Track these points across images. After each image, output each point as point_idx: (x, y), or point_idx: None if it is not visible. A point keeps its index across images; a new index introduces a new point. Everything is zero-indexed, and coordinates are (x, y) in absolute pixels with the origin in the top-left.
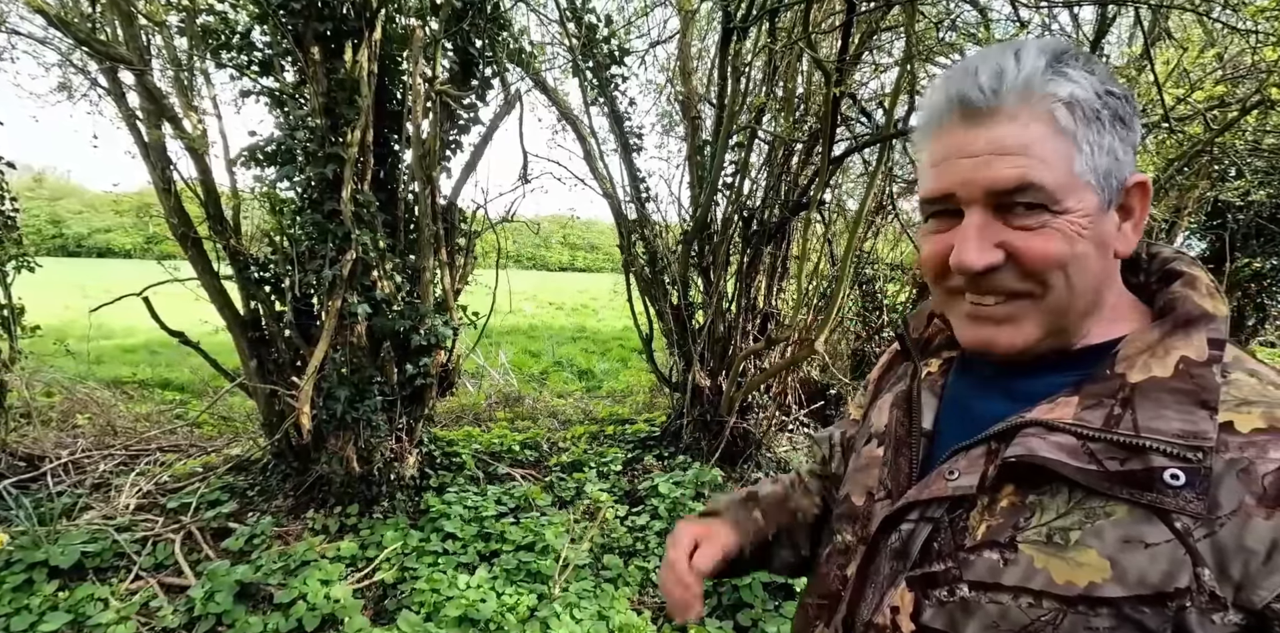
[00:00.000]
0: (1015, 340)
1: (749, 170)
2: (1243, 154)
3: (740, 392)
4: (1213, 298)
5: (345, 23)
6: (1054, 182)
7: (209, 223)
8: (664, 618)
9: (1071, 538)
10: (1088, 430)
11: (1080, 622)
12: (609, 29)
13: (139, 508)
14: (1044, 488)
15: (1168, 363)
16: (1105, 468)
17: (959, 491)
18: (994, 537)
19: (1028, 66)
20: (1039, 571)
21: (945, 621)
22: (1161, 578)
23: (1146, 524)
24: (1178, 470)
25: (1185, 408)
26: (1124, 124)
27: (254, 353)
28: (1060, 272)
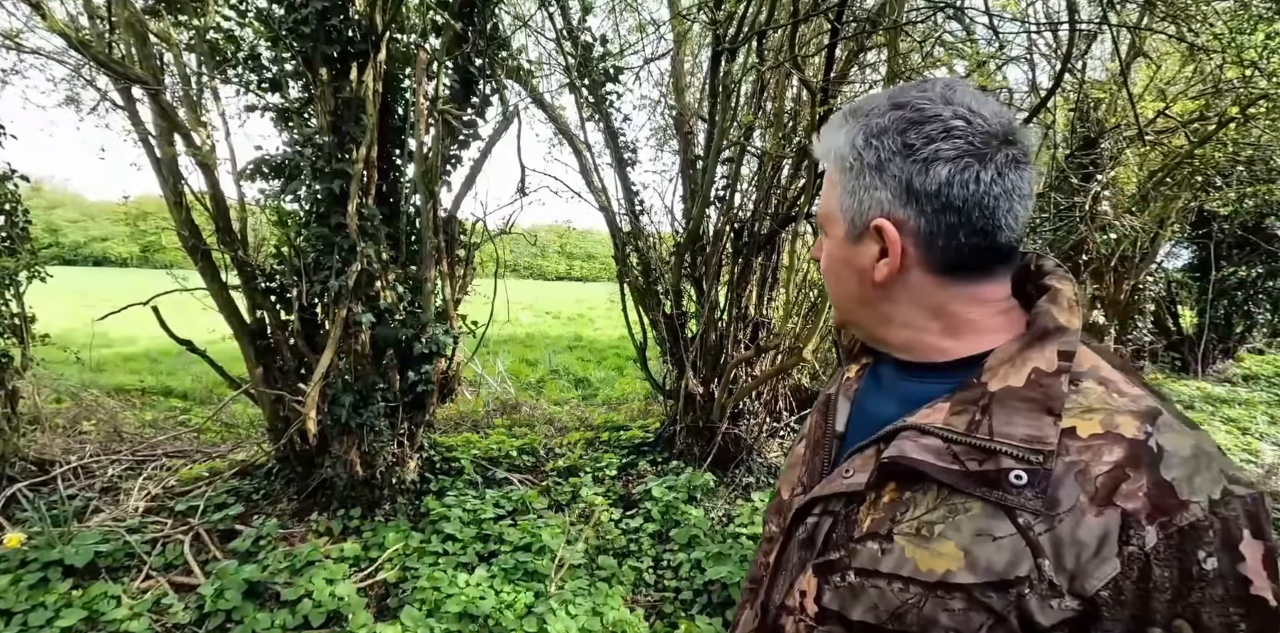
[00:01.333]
0: (834, 317)
1: (740, 184)
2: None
3: (732, 399)
4: (1069, 311)
5: (352, 45)
6: (821, 214)
7: (218, 235)
8: (656, 615)
9: (935, 531)
10: (953, 434)
11: (939, 605)
12: (604, 48)
13: (148, 511)
14: (918, 486)
15: (1022, 373)
16: (966, 468)
17: (852, 487)
18: (876, 529)
19: (831, 122)
20: (908, 559)
21: (839, 603)
22: (1005, 567)
23: (995, 519)
24: (1021, 471)
25: (1033, 415)
26: (878, 171)
27: (260, 361)
28: (827, 278)
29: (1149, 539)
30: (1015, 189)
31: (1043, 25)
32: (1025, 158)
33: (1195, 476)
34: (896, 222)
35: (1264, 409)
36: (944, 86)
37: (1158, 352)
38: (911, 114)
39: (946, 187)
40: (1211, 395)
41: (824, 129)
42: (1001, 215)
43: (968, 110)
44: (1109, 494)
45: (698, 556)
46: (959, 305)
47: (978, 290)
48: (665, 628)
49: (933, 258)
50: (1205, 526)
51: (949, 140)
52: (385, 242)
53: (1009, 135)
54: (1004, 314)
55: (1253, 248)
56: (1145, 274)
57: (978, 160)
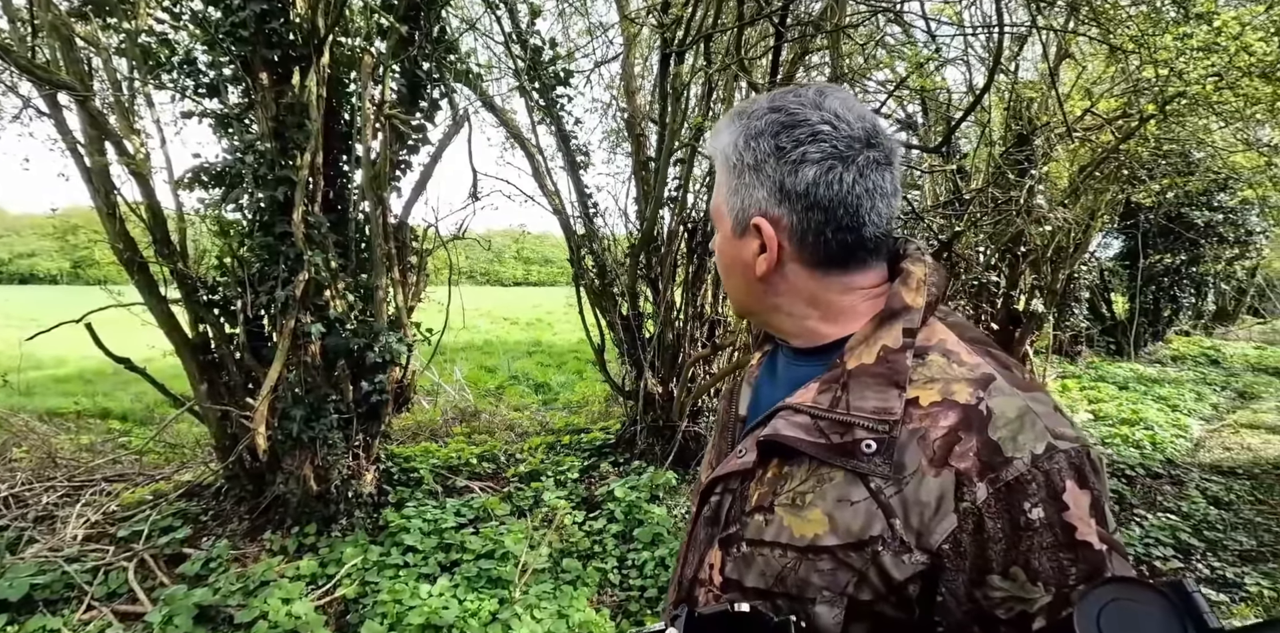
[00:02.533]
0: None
1: (692, 184)
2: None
3: (691, 397)
4: (915, 291)
5: (293, 48)
6: (713, 209)
7: (156, 247)
8: (623, 614)
9: (806, 500)
10: (818, 411)
11: (810, 566)
12: (554, 51)
13: (87, 538)
14: (794, 460)
15: (873, 351)
16: (830, 441)
17: (743, 466)
18: (761, 502)
19: (719, 123)
20: (785, 527)
21: (738, 572)
22: (861, 528)
23: (853, 486)
24: (871, 440)
25: (881, 388)
26: (755, 171)
27: (204, 377)
28: (721, 271)
29: (980, 495)
30: (877, 188)
31: (976, 28)
32: (887, 160)
33: (1020, 434)
34: (772, 219)
35: (1190, 387)
36: (816, 92)
37: (1094, 336)
38: (784, 118)
39: (813, 187)
40: (1144, 376)
41: (713, 129)
42: (865, 213)
43: (834, 116)
44: (945, 456)
45: (662, 553)
46: (833, 294)
47: (849, 280)
48: (631, 626)
49: (805, 252)
50: (1029, 479)
51: (815, 144)
52: (334, 250)
53: (871, 139)
54: (875, 298)
55: (1176, 236)
56: (1079, 264)
57: (841, 163)
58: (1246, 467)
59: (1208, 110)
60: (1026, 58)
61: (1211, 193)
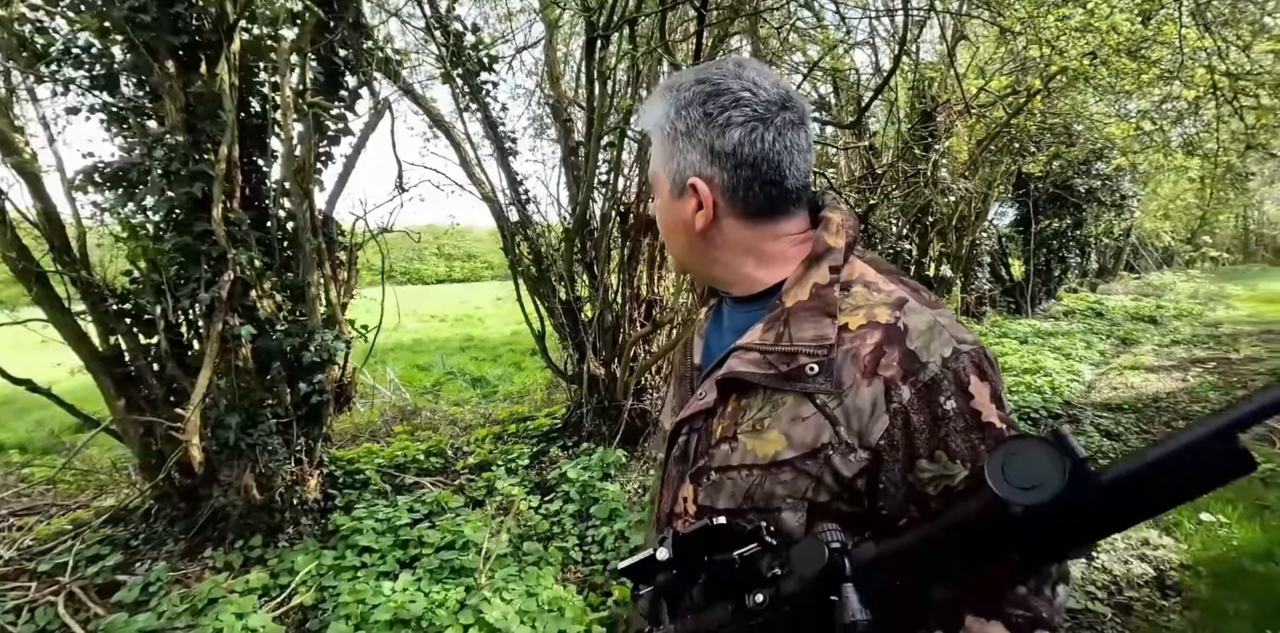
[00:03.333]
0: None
1: (622, 167)
2: (1033, 133)
3: (634, 376)
4: (835, 234)
5: (200, 35)
6: (651, 176)
7: (54, 254)
8: (588, 588)
9: (765, 424)
10: (766, 347)
11: (774, 479)
12: (476, 36)
13: (3, 577)
14: (750, 393)
15: (806, 289)
16: (778, 370)
17: (705, 406)
18: (725, 434)
19: (651, 96)
20: (749, 451)
21: (709, 498)
22: (813, 439)
23: (802, 405)
24: (814, 364)
25: (817, 319)
26: (688, 137)
27: (121, 392)
28: (662, 232)
29: (905, 396)
30: (795, 145)
31: (880, 12)
32: (801, 120)
33: (931, 342)
34: (706, 178)
35: (1080, 337)
36: (735, 64)
37: (995, 298)
38: (709, 88)
39: (740, 146)
40: (1040, 330)
41: (646, 102)
42: (786, 167)
43: (752, 83)
44: (874, 368)
45: (620, 526)
46: (765, 242)
47: (778, 227)
48: (599, 598)
49: (737, 206)
50: (941, 378)
51: (738, 109)
52: (257, 248)
53: (785, 102)
54: (801, 244)
55: (1061, 203)
56: (980, 231)
57: (762, 124)
58: (1131, 403)
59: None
60: (926, 40)
61: (1090, 162)
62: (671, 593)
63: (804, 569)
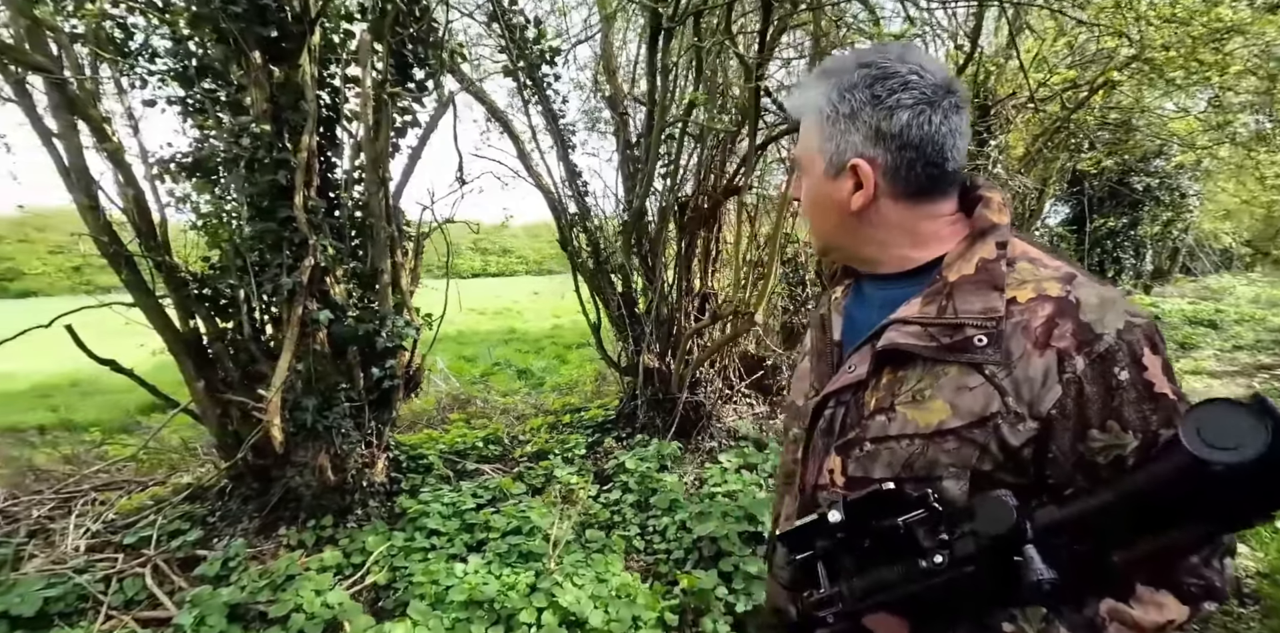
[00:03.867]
0: (814, 247)
1: (681, 161)
2: (1093, 128)
3: (689, 369)
4: (999, 212)
5: (286, 27)
6: (802, 157)
7: (140, 240)
8: (653, 576)
9: (926, 395)
10: (927, 320)
11: (938, 448)
12: (538, 29)
13: (90, 549)
14: (906, 365)
15: (971, 264)
16: (940, 343)
17: (856, 378)
18: (881, 405)
19: (805, 81)
20: (909, 421)
21: (861, 469)
22: (981, 408)
23: (968, 376)
24: (982, 335)
25: (984, 292)
26: (851, 119)
27: (200, 374)
28: (805, 209)
29: (1079, 366)
30: (957, 128)
31: (947, 3)
32: (963, 104)
33: (1105, 315)
34: (869, 159)
35: None
36: (900, 48)
37: None
38: (876, 71)
39: (907, 128)
40: None
41: (797, 88)
42: (949, 149)
43: (919, 67)
44: (1046, 339)
45: (681, 517)
46: (921, 222)
47: (934, 209)
48: (664, 586)
49: (897, 187)
50: (1116, 349)
51: (907, 91)
52: (330, 235)
53: (950, 87)
54: (954, 225)
55: (1117, 201)
56: (1034, 229)
57: (930, 106)
58: None
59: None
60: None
61: (1149, 159)
62: (830, 558)
63: (989, 528)
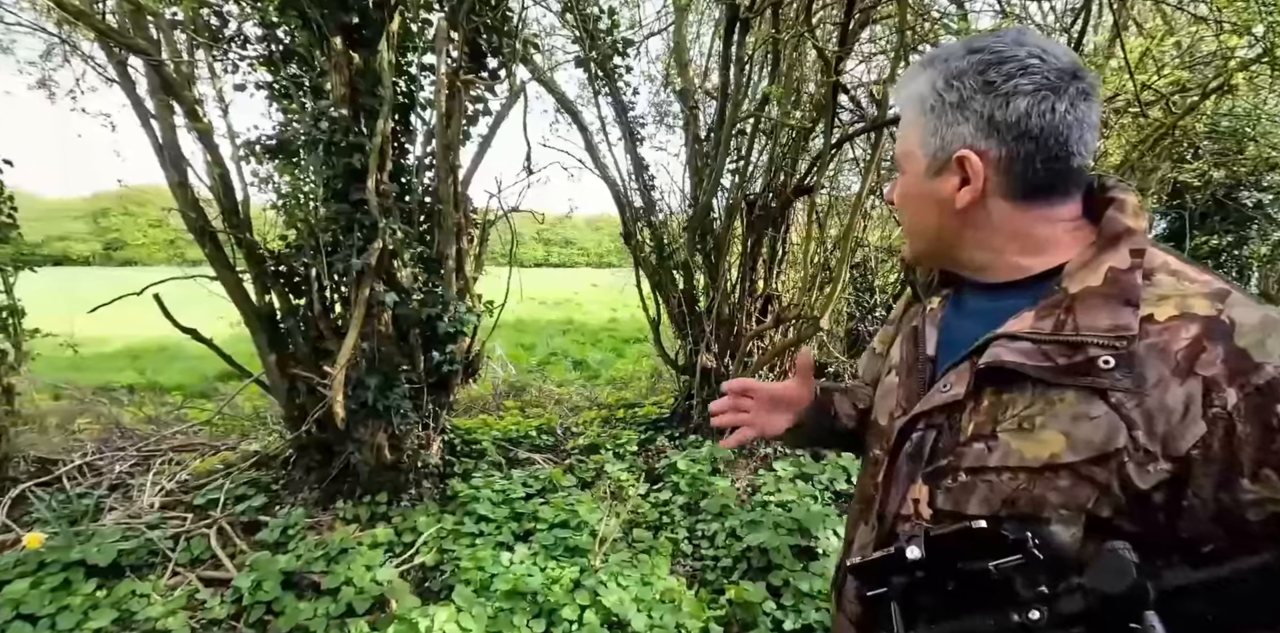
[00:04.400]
0: (906, 254)
1: (751, 157)
2: (1200, 136)
3: (747, 372)
4: (1136, 216)
5: (366, 14)
6: (901, 153)
7: (225, 217)
8: (699, 583)
9: (1036, 423)
10: (1041, 336)
11: (1048, 485)
12: (611, 20)
13: (163, 506)
14: (1013, 387)
15: (1099, 273)
16: (1057, 364)
17: (951, 398)
18: (980, 431)
19: (908, 72)
20: (1014, 451)
21: (952, 502)
22: (1103, 442)
23: (1089, 403)
24: (1109, 357)
25: (1113, 307)
26: (959, 108)
27: (273, 348)
28: (901, 210)
29: (1230, 400)
30: (1085, 118)
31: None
32: (1093, 91)
33: (1266, 340)
34: (979, 152)
35: None
36: (1016, 32)
37: None
38: (989, 56)
39: (1025, 117)
40: None
41: (901, 78)
42: (1074, 142)
43: (1041, 50)
44: (1189, 365)
45: (731, 524)
46: (1036, 226)
47: (1052, 211)
48: (710, 594)
49: (1011, 183)
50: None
51: (1026, 76)
52: (400, 219)
53: (1077, 71)
54: (1076, 231)
55: (1222, 217)
56: None
57: (1053, 93)
58: None
59: None
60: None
61: (1262, 172)
62: (908, 598)
63: (1103, 585)
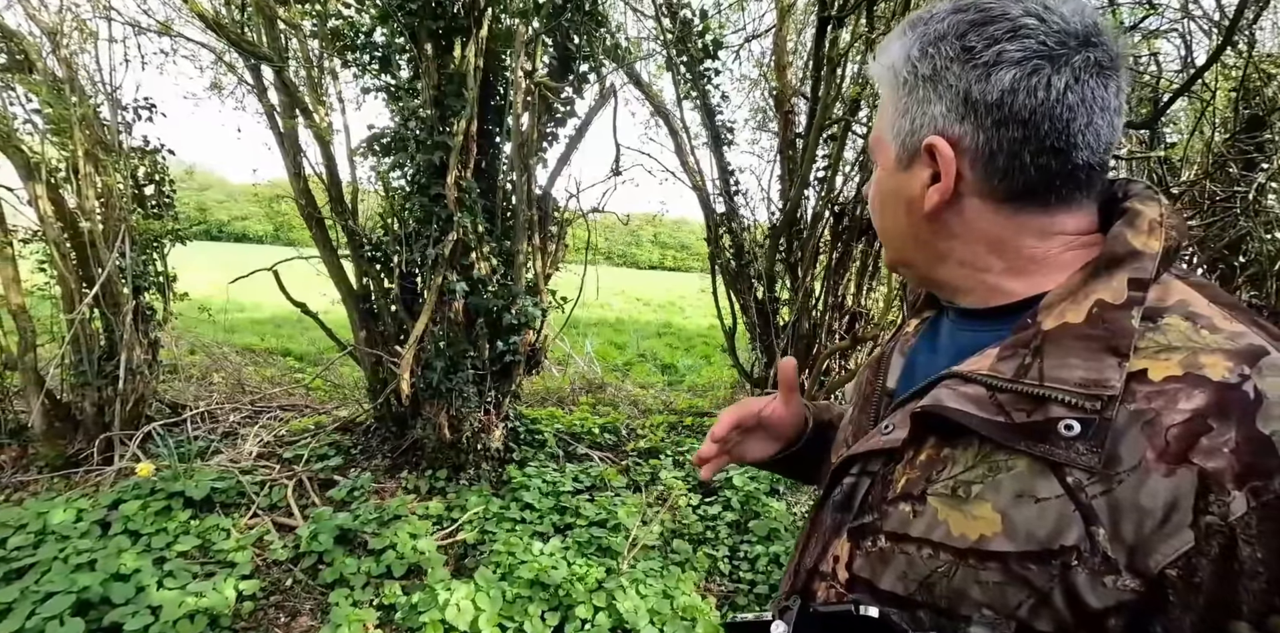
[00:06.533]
0: (884, 260)
1: (841, 164)
2: None
3: (823, 391)
4: (1148, 234)
5: (455, 21)
6: (873, 140)
7: (331, 205)
8: (729, 606)
9: (973, 491)
10: (998, 381)
11: (970, 575)
12: (704, 23)
13: (260, 456)
14: (958, 441)
15: (1082, 308)
16: (1012, 420)
17: (889, 444)
18: (910, 489)
19: (888, 37)
20: (940, 523)
21: (869, 570)
22: (1048, 534)
23: (1040, 478)
24: (1073, 421)
25: (1092, 355)
26: (932, 82)
27: (364, 324)
28: (874, 212)
29: (1235, 508)
30: (1096, 99)
31: None
32: (1111, 64)
33: None
34: (951, 139)
35: None
36: None
37: None
38: (975, 15)
39: (1010, 94)
40: None
41: (881, 45)
42: (1077, 130)
43: (1042, 7)
44: (1184, 450)
45: (776, 550)
46: (1024, 238)
47: (1049, 221)
48: (733, 615)
49: (992, 181)
50: None
51: (1015, 40)
52: (481, 215)
53: (1091, 36)
54: (1080, 249)
55: None
56: None
57: (1049, 63)
58: None
59: None
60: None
61: None
62: None
63: None
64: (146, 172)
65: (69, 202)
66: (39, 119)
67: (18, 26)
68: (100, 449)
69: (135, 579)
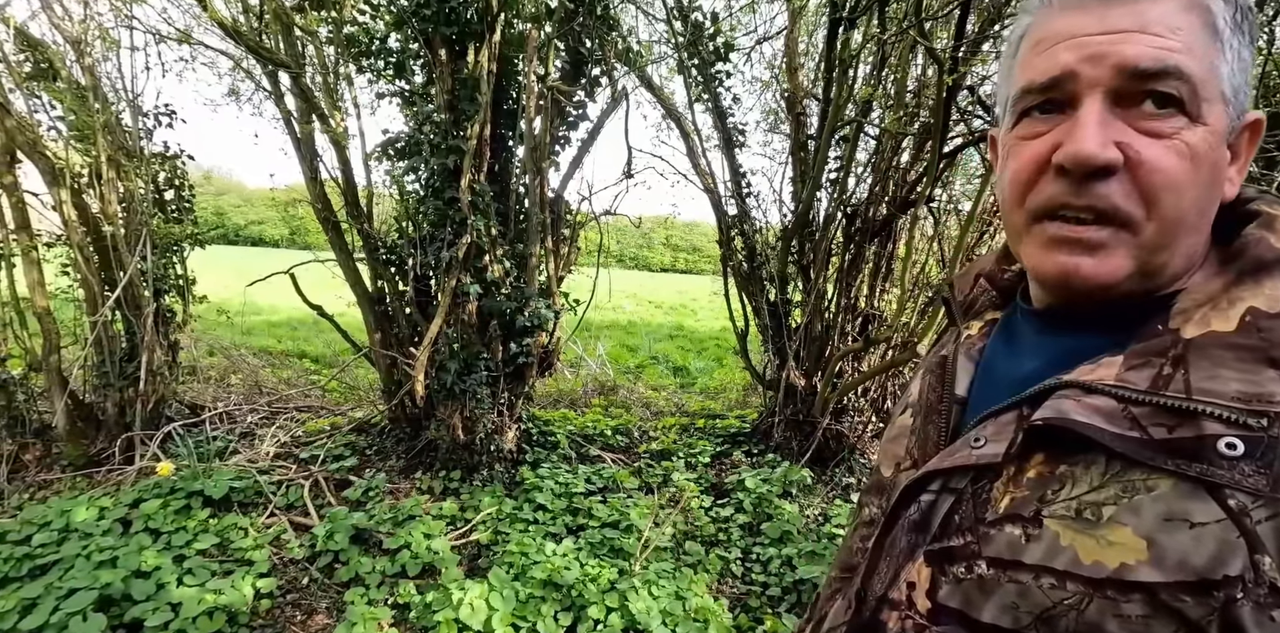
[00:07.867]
0: (1101, 272)
1: (854, 166)
2: None
3: (835, 393)
4: None
5: (468, 26)
6: (1200, 76)
7: (346, 208)
8: (741, 608)
9: (1104, 514)
10: (1131, 393)
11: (1108, 608)
12: (715, 26)
13: (277, 456)
14: (1077, 457)
15: (1231, 316)
16: (1150, 436)
17: (983, 459)
18: (1017, 510)
19: None
20: (1064, 548)
21: (961, 599)
22: (1208, 563)
23: (1194, 500)
24: (1235, 439)
25: (1248, 367)
26: (1250, 45)
27: (379, 326)
28: (1174, 196)
29: None
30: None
31: None
32: None
33: None
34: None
35: None
36: None
37: None
38: None
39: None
40: None
41: None
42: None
43: None
44: None
45: (789, 552)
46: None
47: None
48: (749, 622)
49: None
50: None
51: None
52: (495, 218)
53: None
54: (1208, 245)
55: None
56: None
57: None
58: None
59: None
60: None
61: None
62: None
63: None
64: (167, 177)
65: (92, 206)
66: (63, 126)
67: (43, 36)
68: (122, 449)
69: (156, 576)
